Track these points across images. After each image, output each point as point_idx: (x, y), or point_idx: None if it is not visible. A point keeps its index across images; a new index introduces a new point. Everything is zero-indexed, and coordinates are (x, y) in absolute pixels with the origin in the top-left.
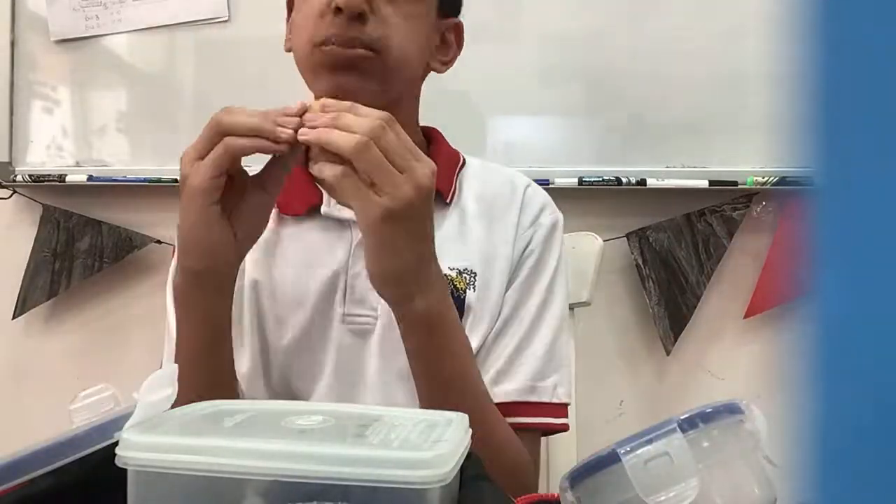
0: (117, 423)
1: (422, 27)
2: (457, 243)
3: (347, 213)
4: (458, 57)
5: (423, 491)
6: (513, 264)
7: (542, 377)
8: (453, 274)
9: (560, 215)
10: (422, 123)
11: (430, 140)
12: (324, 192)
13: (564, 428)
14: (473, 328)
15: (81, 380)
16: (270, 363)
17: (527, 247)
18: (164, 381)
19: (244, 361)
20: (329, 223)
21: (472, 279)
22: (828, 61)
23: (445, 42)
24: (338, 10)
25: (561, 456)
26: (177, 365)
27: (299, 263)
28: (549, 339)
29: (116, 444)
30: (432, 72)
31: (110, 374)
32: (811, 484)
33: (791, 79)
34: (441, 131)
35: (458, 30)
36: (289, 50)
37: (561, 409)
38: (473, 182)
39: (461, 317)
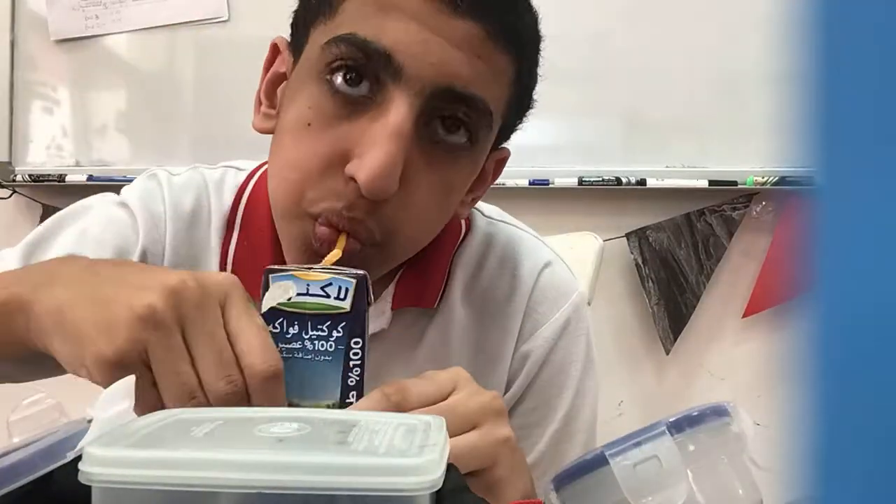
0: (71, 440)
1: (452, 197)
2: (437, 363)
3: None
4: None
5: (413, 498)
6: (513, 374)
7: None
8: None
9: (579, 295)
10: None
11: None
12: None
13: None
14: None
15: (22, 387)
16: None
17: (537, 359)
18: (120, 393)
19: None
20: None
21: None
22: (828, 61)
23: (481, 176)
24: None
25: None
26: (134, 376)
27: None
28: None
29: (75, 462)
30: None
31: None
32: (810, 483)
33: (791, 78)
34: None
35: (502, 159)
36: (263, 131)
37: None
38: (468, 264)
39: None
